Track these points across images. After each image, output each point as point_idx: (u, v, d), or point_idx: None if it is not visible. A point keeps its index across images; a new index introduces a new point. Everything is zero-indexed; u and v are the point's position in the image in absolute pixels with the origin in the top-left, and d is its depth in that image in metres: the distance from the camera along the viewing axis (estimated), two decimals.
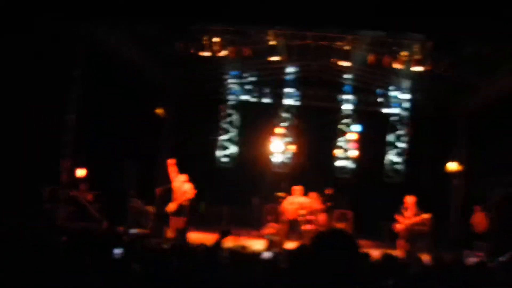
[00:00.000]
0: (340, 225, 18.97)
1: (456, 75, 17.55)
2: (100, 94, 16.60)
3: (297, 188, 16.41)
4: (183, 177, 15.00)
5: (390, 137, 23.25)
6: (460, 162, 21.28)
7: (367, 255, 9.68)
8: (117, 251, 7.33)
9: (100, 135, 16.67)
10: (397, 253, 14.50)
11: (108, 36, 16.01)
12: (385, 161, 23.22)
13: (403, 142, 22.78)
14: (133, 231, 12.88)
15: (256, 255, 8.30)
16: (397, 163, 23.00)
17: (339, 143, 23.20)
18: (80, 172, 15.83)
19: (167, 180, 15.22)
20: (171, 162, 15.11)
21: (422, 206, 15.77)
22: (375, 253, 11.04)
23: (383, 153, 23.22)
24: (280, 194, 18.01)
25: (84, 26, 14.91)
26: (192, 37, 16.46)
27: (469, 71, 17.53)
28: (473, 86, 18.77)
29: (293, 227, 16.18)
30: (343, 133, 23.27)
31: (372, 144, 22.74)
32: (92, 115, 16.33)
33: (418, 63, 16.28)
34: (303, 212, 16.34)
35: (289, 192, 16.81)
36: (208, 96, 22.58)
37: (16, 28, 12.90)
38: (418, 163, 22.29)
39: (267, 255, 8.34)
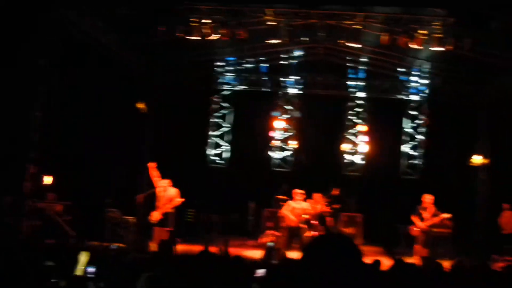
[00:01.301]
0: (348, 230, 18.81)
1: (481, 56, 17.19)
2: (71, 88, 16.30)
3: (299, 192, 16.19)
4: (167, 182, 14.78)
5: (406, 128, 23.01)
6: (485, 154, 21.01)
7: (377, 263, 9.43)
8: (91, 269, 7.11)
9: (71, 135, 16.35)
10: (414, 260, 14.31)
11: (81, 19, 15.52)
12: (400, 155, 22.96)
13: (421, 133, 22.51)
14: (113, 246, 12.63)
15: (251, 267, 8.11)
16: (414, 157, 22.75)
17: (347, 136, 22.89)
18: (48, 179, 15.59)
19: (150, 186, 15.01)
20: (152, 166, 14.91)
21: (442, 205, 15.59)
22: (389, 261, 10.76)
23: (399, 146, 22.95)
24: (280, 197, 17.83)
25: (54, 8, 14.41)
26: (178, 19, 16.00)
27: (496, 51, 17.29)
28: (501, 68, 18.52)
29: (294, 235, 16.00)
30: (353, 125, 22.96)
31: (385, 136, 22.39)
32: (62, 111, 16.00)
33: (438, 42, 15.86)
34: (306, 217, 16.15)
35: (290, 196, 16.64)
36: (198, 86, 22.16)
37: None
38: (438, 156, 21.95)
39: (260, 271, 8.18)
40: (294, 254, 12.06)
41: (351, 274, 2.55)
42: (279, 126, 22.76)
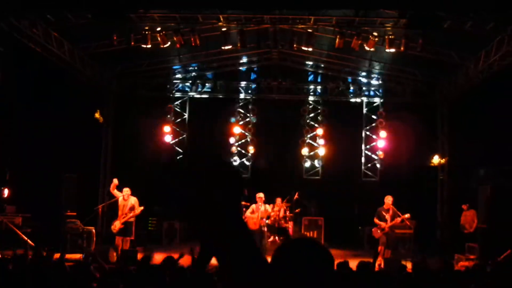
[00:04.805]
0: (310, 234, 19.06)
1: (433, 55, 17.86)
2: (26, 99, 16.32)
3: (260, 196, 16.46)
4: (127, 190, 14.93)
5: (364, 130, 23.30)
6: (443, 154, 21.67)
7: (345, 264, 9.79)
8: None
9: (28, 147, 16.37)
10: (377, 261, 14.70)
11: (33, 30, 15.62)
12: (360, 157, 23.21)
13: (378, 134, 22.54)
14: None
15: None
16: (373, 158, 23.04)
17: (305, 140, 22.98)
18: (5, 192, 15.55)
19: (110, 196, 15.10)
20: (114, 183, 15.04)
21: (403, 207, 15.97)
22: (352, 263, 11.17)
23: (357, 149, 23.21)
24: (242, 203, 18.01)
25: (4, 20, 14.56)
26: (131, 27, 16.29)
27: (448, 50, 17.83)
28: (454, 67, 19.07)
29: (256, 239, 16.13)
30: (310, 128, 23.08)
31: (344, 139, 22.66)
32: (17, 123, 16.06)
33: (390, 44, 16.39)
34: (267, 222, 16.45)
35: (251, 200, 16.84)
36: (154, 94, 22.33)
37: None
38: (397, 157, 22.39)
39: None
40: None
41: (321, 281, 2.46)
42: (237, 132, 22.72)
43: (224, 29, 16.75)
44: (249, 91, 23.03)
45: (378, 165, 22.71)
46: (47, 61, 16.76)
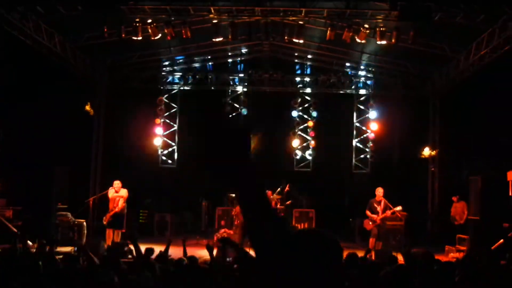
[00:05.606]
0: (301, 226, 19.13)
1: (425, 47, 17.87)
2: (16, 91, 16.26)
3: None
4: (118, 183, 14.93)
5: (355, 122, 23.35)
6: (434, 146, 21.72)
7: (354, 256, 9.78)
8: None
9: (19, 140, 16.33)
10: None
11: (23, 22, 15.48)
12: (351, 150, 23.23)
13: (369, 126, 22.63)
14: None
15: (205, 266, 8.34)
16: (364, 151, 23.10)
17: (296, 132, 23.08)
18: None
19: (101, 188, 15.12)
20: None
21: (394, 198, 16.03)
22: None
23: (348, 141, 23.28)
24: (233, 195, 18.02)
25: None
26: (122, 19, 16.23)
27: (440, 43, 17.87)
28: (445, 60, 19.12)
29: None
30: (301, 121, 23.16)
31: (335, 131, 22.81)
32: (6, 115, 16.01)
33: (382, 36, 16.40)
34: None
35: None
36: (145, 87, 22.20)
37: None
38: (388, 149, 22.50)
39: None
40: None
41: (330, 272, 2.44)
42: None
43: (215, 21, 16.74)
44: (241, 84, 23.01)
45: (369, 157, 22.77)
46: (37, 54, 16.68)
